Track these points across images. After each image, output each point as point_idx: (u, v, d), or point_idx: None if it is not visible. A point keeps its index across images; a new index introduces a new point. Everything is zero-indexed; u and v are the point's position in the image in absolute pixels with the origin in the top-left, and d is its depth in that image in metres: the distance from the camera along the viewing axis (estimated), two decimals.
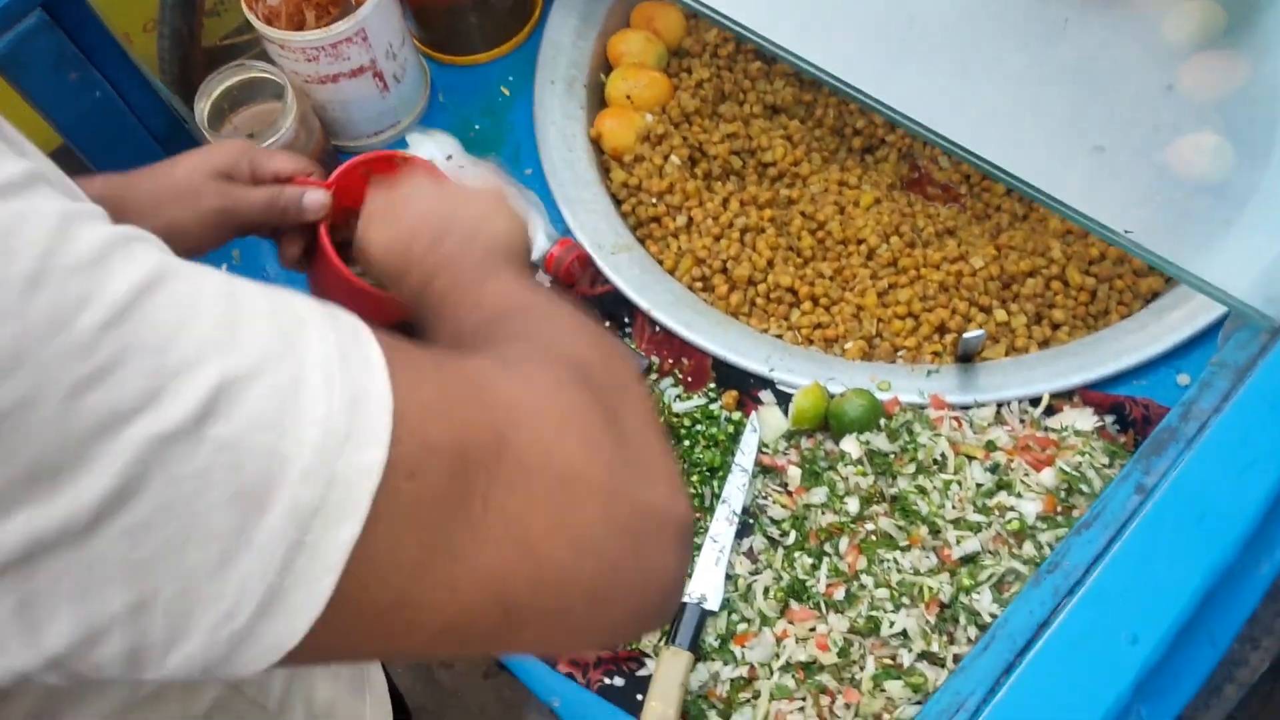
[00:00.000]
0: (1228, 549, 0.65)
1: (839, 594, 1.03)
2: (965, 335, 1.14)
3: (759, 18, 0.89)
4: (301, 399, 0.43)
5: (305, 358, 0.44)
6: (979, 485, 1.05)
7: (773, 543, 1.11)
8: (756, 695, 1.01)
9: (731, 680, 1.03)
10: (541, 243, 1.26)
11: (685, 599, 1.08)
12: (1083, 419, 1.10)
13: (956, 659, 0.98)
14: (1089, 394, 1.13)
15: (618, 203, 1.37)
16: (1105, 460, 1.04)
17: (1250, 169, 0.81)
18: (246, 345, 0.43)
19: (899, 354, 1.22)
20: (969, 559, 1.01)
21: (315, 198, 0.96)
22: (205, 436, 0.41)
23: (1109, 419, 1.11)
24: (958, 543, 1.02)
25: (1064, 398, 1.13)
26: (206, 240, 0.91)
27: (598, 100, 1.44)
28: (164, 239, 0.75)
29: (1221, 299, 0.76)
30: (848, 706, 0.98)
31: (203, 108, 1.27)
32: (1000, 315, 1.21)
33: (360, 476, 0.43)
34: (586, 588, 0.50)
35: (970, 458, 1.07)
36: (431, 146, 1.33)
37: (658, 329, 1.25)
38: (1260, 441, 0.68)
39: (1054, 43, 0.87)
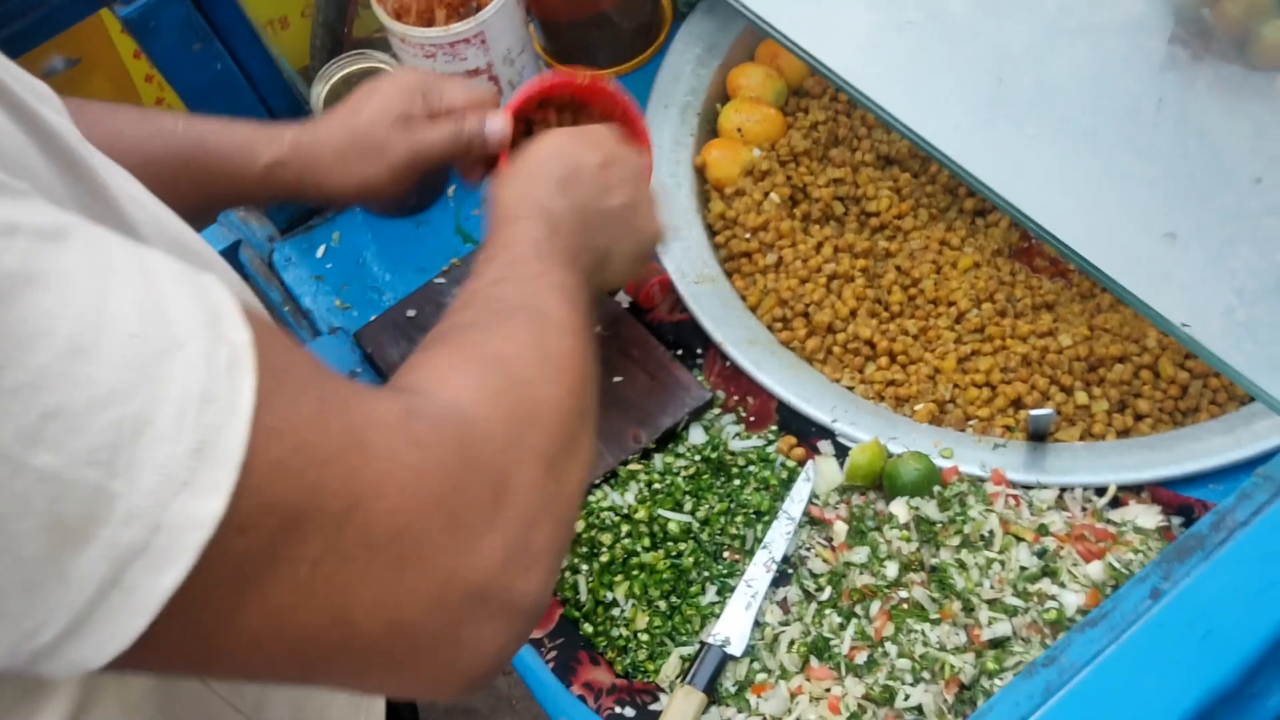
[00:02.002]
0: (1228, 671, 0.61)
1: (861, 658, 1.01)
2: (1033, 412, 1.10)
3: (845, 61, 0.88)
4: (143, 439, 0.42)
5: (161, 394, 0.42)
6: (1023, 568, 1.01)
7: (808, 596, 1.09)
8: None
9: None
10: None
11: (710, 639, 1.06)
12: (1146, 516, 1.05)
13: None
14: (1159, 491, 1.08)
15: (712, 234, 1.36)
16: None
17: None
18: (96, 374, 0.41)
19: (970, 423, 1.19)
20: (998, 642, 0.98)
21: (496, 126, 0.97)
22: (28, 465, 0.39)
23: (1175, 520, 1.06)
24: (989, 624, 0.98)
25: (1133, 492, 1.09)
26: (399, 185, 0.94)
27: (709, 130, 1.44)
28: (359, 194, 0.82)
29: (1274, 406, 0.72)
30: None
31: (320, 91, 1.31)
32: (1081, 398, 1.17)
33: (191, 526, 0.42)
34: (391, 659, 0.49)
35: (1019, 539, 1.03)
36: None
37: (728, 364, 1.24)
38: None
39: (1143, 121, 0.84)
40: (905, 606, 1.02)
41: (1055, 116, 0.86)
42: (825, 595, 1.07)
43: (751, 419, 1.21)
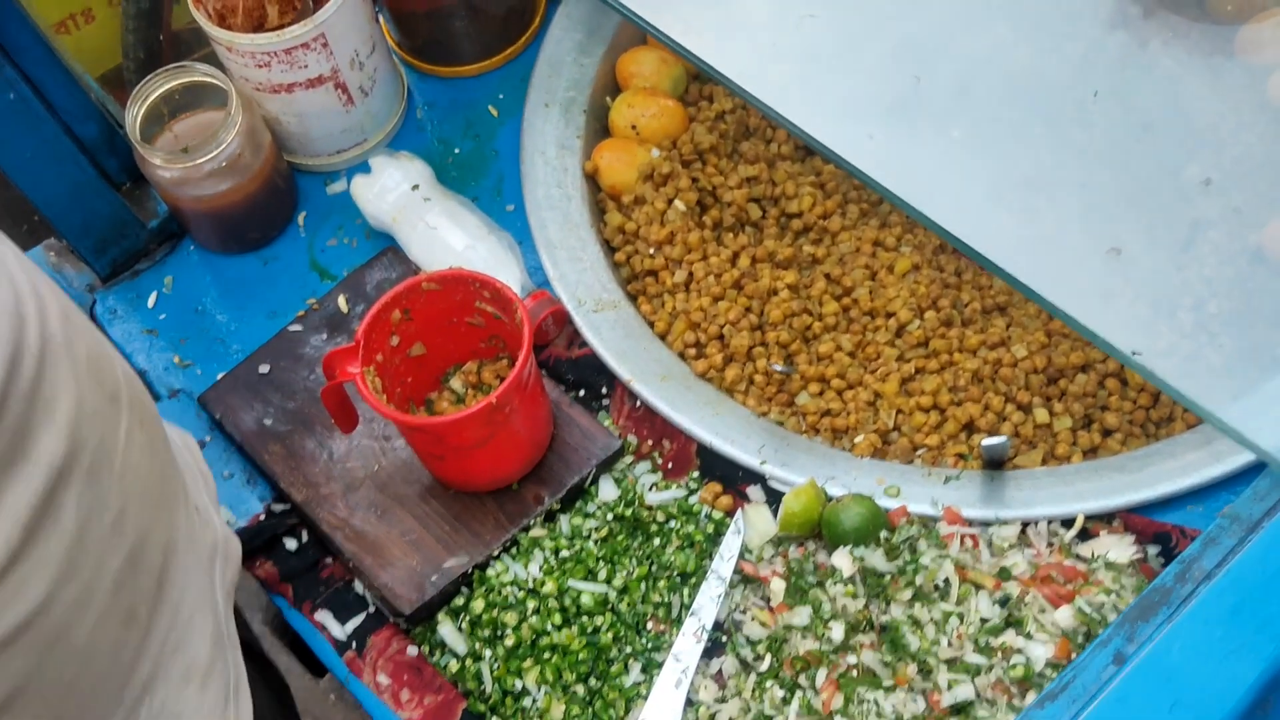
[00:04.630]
0: None
1: None
2: (985, 442, 1.15)
3: (741, 66, 0.92)
4: None
5: None
6: (984, 620, 1.06)
7: (745, 666, 1.12)
8: None
9: None
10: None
11: None
12: (1119, 549, 1.10)
13: None
14: (1131, 519, 1.13)
15: (611, 251, 1.40)
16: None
17: None
18: None
19: (918, 453, 1.23)
20: (960, 708, 1.02)
21: None
22: None
23: (1152, 550, 1.12)
24: (949, 687, 1.02)
25: (1103, 520, 1.14)
26: None
27: (599, 129, 1.47)
28: None
29: (1242, 442, 0.77)
30: None
31: (136, 114, 1.32)
32: (1041, 415, 1.22)
33: None
34: None
35: (978, 586, 1.08)
36: (396, 174, 1.37)
37: (638, 403, 1.27)
38: (1254, 619, 0.69)
39: (1083, 111, 0.89)
40: (855, 673, 1.06)
41: (982, 114, 0.91)
42: (765, 665, 1.11)
43: (669, 465, 1.24)
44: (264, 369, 1.31)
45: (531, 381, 1.15)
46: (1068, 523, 1.14)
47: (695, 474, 1.24)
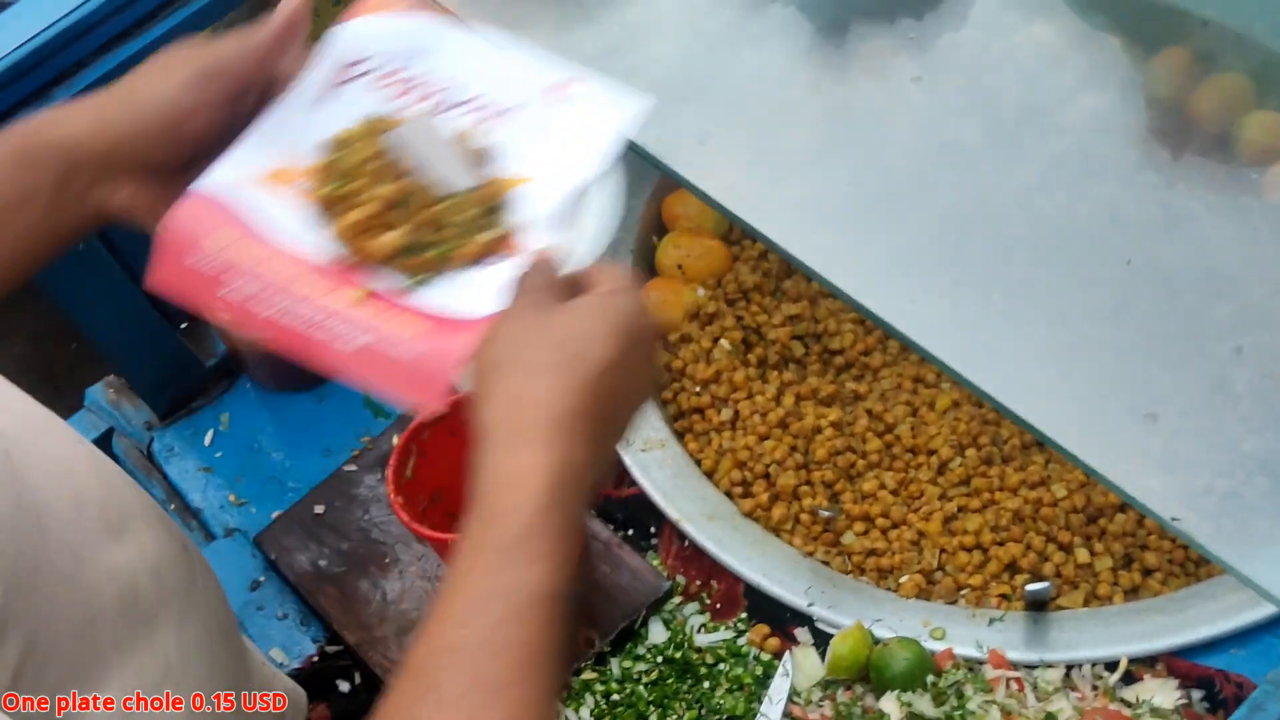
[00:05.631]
0: None
1: None
2: (1030, 587, 1.18)
3: (786, 231, 0.97)
4: None
5: None
6: None
7: None
8: None
9: None
10: None
11: None
12: (1163, 693, 1.13)
13: None
14: (1175, 662, 1.16)
15: (658, 389, 1.44)
16: None
17: None
18: None
19: (961, 592, 1.26)
20: None
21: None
22: None
23: (1196, 695, 1.14)
24: None
25: (1147, 664, 1.16)
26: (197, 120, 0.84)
27: (646, 268, 1.52)
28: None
29: (1268, 597, 0.80)
30: None
31: None
32: (1082, 555, 1.25)
33: None
34: None
35: None
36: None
37: (686, 543, 1.31)
38: None
39: (1111, 284, 0.93)
40: None
41: (1016, 273, 0.95)
42: None
43: (717, 606, 1.28)
44: (319, 509, 1.36)
45: None
46: (1111, 666, 1.16)
47: (743, 614, 1.27)
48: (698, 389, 1.42)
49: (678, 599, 1.29)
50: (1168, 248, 1.01)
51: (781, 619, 1.26)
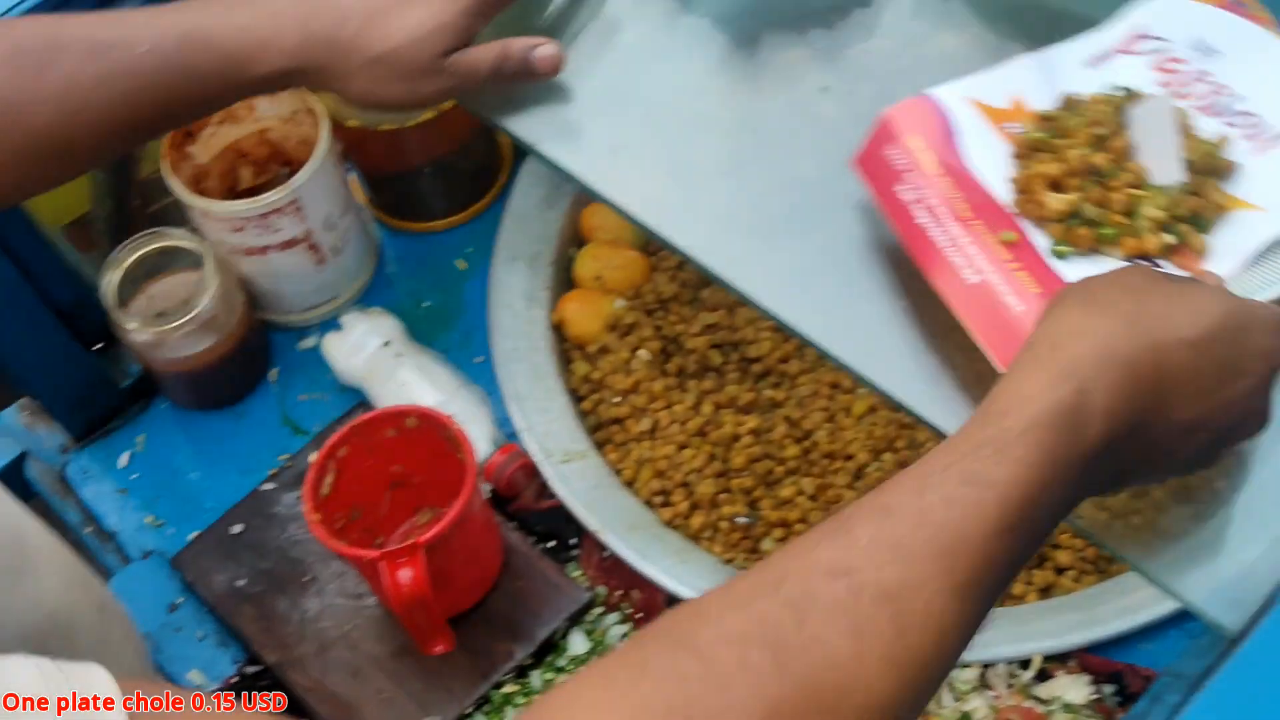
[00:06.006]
0: None
1: None
2: None
3: (697, 240, 0.99)
4: None
5: None
6: None
7: None
8: None
9: None
10: (484, 449, 1.34)
11: None
12: (1076, 689, 1.15)
13: None
14: (1087, 658, 1.18)
15: (578, 400, 1.45)
16: None
17: None
18: None
19: None
20: None
21: (546, 53, 1.04)
22: None
23: (1108, 689, 1.16)
24: None
25: (1060, 661, 1.19)
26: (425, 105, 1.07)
27: (565, 280, 1.53)
28: (379, 107, 1.04)
29: (1171, 595, 0.82)
30: None
31: (112, 279, 1.37)
32: None
33: None
34: None
35: None
36: (368, 331, 1.42)
37: (606, 554, 1.32)
38: None
39: None
40: None
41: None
42: None
43: (639, 615, 1.29)
44: (237, 529, 1.35)
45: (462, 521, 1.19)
46: (1025, 664, 1.19)
47: None
48: (617, 399, 1.43)
49: (599, 609, 1.29)
50: None
51: None
